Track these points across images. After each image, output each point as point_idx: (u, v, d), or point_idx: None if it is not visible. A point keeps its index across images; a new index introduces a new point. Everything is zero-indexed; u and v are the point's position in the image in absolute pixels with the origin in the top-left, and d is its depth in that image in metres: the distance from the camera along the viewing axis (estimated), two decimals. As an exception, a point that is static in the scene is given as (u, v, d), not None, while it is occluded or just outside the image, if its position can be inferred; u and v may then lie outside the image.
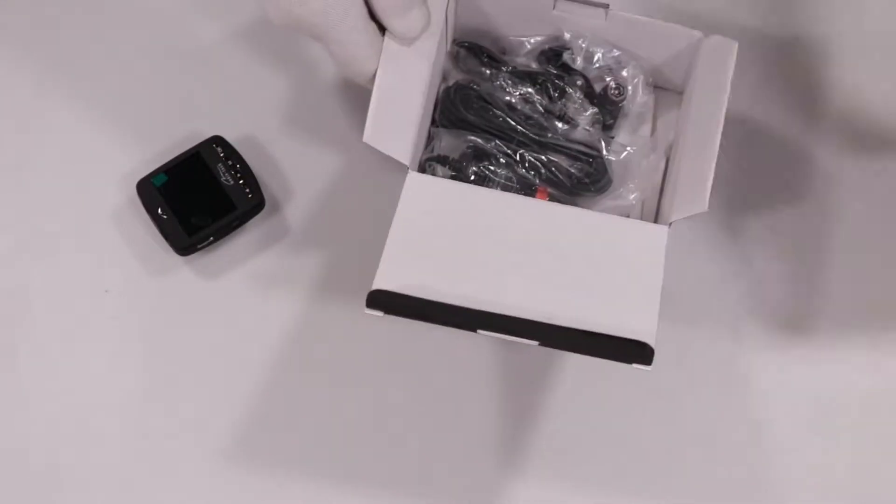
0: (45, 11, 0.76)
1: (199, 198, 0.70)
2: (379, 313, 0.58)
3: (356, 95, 0.74)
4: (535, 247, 0.62)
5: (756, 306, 0.71)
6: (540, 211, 0.64)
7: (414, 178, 0.63)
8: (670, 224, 0.63)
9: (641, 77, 0.69)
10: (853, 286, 0.72)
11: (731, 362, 0.70)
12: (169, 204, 0.70)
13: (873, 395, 0.70)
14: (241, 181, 0.71)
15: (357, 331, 0.70)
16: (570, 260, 0.61)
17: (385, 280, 0.58)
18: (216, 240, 0.71)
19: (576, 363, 0.69)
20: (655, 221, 0.68)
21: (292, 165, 0.73)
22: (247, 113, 0.74)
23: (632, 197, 0.67)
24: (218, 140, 0.72)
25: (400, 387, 0.70)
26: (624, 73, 0.69)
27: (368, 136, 0.62)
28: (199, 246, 0.70)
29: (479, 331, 0.58)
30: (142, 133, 0.73)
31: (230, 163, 0.71)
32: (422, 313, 0.58)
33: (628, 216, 0.68)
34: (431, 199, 0.63)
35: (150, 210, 0.70)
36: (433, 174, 0.67)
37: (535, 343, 0.58)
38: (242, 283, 0.71)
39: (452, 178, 0.67)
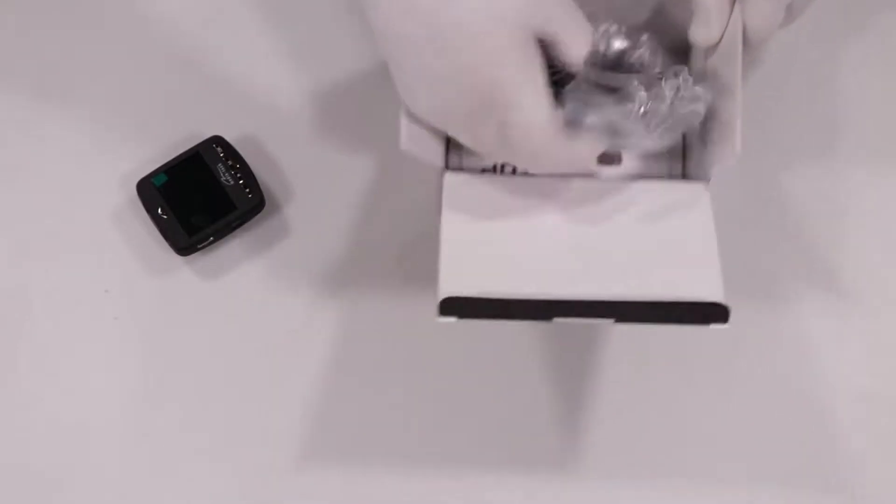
0: (45, 12, 0.76)
1: (199, 198, 0.70)
2: (453, 319, 0.58)
3: (356, 95, 0.74)
4: (583, 227, 0.61)
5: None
6: (580, 190, 0.63)
7: (451, 178, 0.63)
8: (709, 180, 0.63)
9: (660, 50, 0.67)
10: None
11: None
12: (169, 204, 0.70)
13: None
14: (241, 181, 0.71)
15: (357, 330, 0.70)
16: (622, 234, 0.61)
17: (450, 285, 0.58)
18: (216, 240, 0.71)
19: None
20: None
21: (292, 165, 0.73)
22: (247, 113, 0.74)
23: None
24: (218, 140, 0.72)
25: (400, 386, 0.70)
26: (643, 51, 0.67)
27: (405, 143, 0.60)
28: (199, 246, 0.70)
29: (554, 319, 0.58)
30: (142, 133, 0.73)
31: (230, 163, 0.71)
32: (496, 312, 0.58)
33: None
34: (473, 196, 0.62)
35: (150, 210, 0.70)
36: None
37: (611, 321, 0.58)
38: (242, 283, 0.71)
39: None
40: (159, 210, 0.70)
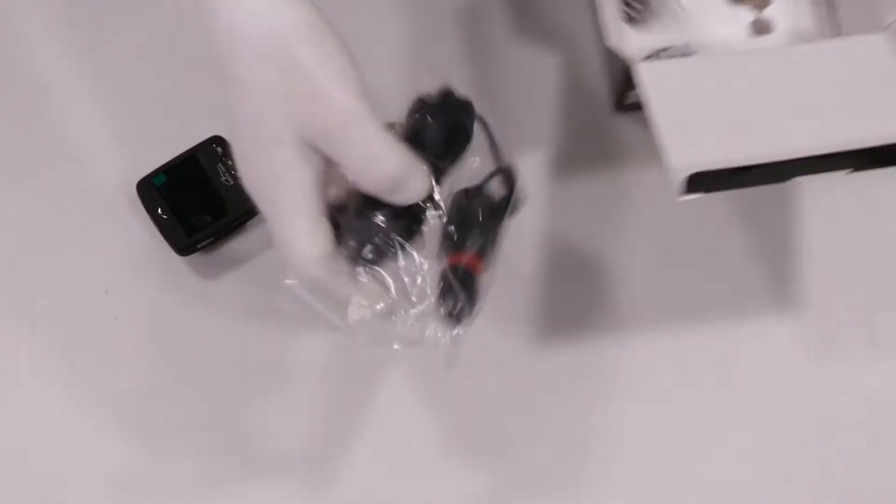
0: (45, 12, 0.76)
1: (199, 198, 0.70)
2: (697, 196, 0.59)
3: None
4: (782, 91, 0.63)
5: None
6: (769, 59, 0.65)
7: (645, 66, 0.64)
8: (886, 27, 0.64)
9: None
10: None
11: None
12: (169, 204, 0.70)
13: None
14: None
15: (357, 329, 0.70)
16: (827, 91, 0.62)
17: (684, 165, 0.59)
18: (216, 240, 0.71)
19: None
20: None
21: (292, 165, 0.73)
22: (247, 113, 0.74)
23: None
24: (218, 140, 0.72)
25: (403, 384, 0.70)
26: None
27: (611, 41, 0.63)
28: (199, 246, 0.70)
29: (792, 178, 0.59)
30: (142, 133, 0.73)
31: (230, 163, 0.71)
32: (737, 181, 0.59)
33: None
34: (672, 77, 0.64)
35: (150, 210, 0.70)
36: None
37: (844, 172, 0.59)
38: (242, 283, 0.71)
39: None
40: (159, 210, 0.70)
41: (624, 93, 0.71)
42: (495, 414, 0.69)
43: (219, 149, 0.71)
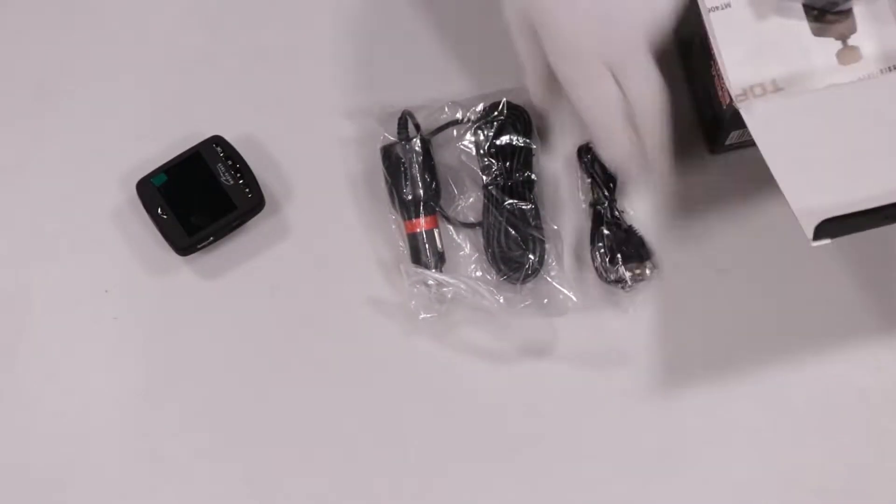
0: (45, 12, 0.76)
1: (199, 198, 0.70)
2: (828, 241, 0.58)
3: (357, 94, 0.74)
4: (889, 122, 0.61)
5: None
6: (869, 90, 0.63)
7: (749, 109, 0.62)
8: None
9: None
10: None
11: None
12: (169, 204, 0.70)
13: None
14: (241, 181, 0.71)
15: (358, 329, 0.70)
16: None
17: (808, 211, 0.58)
18: (216, 240, 0.71)
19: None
20: None
21: (292, 165, 0.73)
22: (247, 113, 0.74)
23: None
24: (218, 140, 0.72)
25: (402, 384, 0.70)
26: None
27: (728, 85, 0.62)
28: (199, 246, 0.70)
29: None
30: (142, 133, 0.73)
31: (230, 163, 0.71)
32: (864, 224, 0.58)
33: None
34: (776, 119, 0.62)
35: (150, 210, 0.70)
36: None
37: None
38: (242, 283, 0.71)
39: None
40: (159, 210, 0.70)
41: (725, 135, 0.69)
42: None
43: (219, 148, 0.71)
